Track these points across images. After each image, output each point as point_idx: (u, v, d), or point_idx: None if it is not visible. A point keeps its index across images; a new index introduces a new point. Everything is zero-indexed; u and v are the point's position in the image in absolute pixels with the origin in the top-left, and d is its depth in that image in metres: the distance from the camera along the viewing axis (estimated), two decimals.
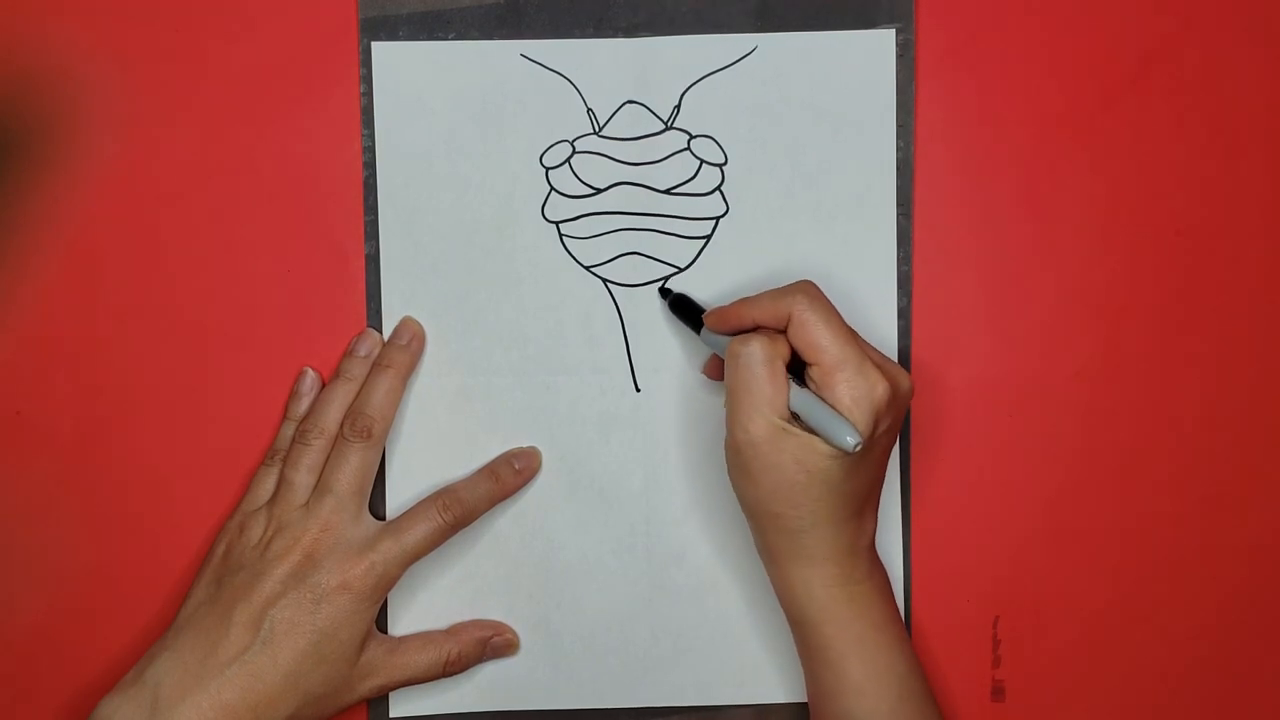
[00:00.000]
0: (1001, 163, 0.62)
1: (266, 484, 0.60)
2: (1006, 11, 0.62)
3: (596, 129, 0.62)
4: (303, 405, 0.61)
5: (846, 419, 0.53)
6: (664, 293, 0.61)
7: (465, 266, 0.62)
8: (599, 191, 0.62)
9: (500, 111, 0.62)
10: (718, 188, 0.62)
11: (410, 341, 0.61)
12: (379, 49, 0.61)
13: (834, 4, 0.61)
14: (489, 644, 0.61)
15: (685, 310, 0.60)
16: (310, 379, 0.61)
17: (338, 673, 0.57)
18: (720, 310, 0.57)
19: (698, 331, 0.59)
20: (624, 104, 0.62)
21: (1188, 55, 0.62)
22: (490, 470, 0.61)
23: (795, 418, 0.54)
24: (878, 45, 0.61)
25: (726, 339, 0.57)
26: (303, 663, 0.56)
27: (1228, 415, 0.62)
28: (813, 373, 0.54)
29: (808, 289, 0.55)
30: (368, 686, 0.58)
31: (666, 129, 0.62)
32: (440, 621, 0.62)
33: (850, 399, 0.53)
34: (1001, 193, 0.62)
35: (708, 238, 0.62)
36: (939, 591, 0.62)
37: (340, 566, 0.57)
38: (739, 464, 0.55)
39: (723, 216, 0.62)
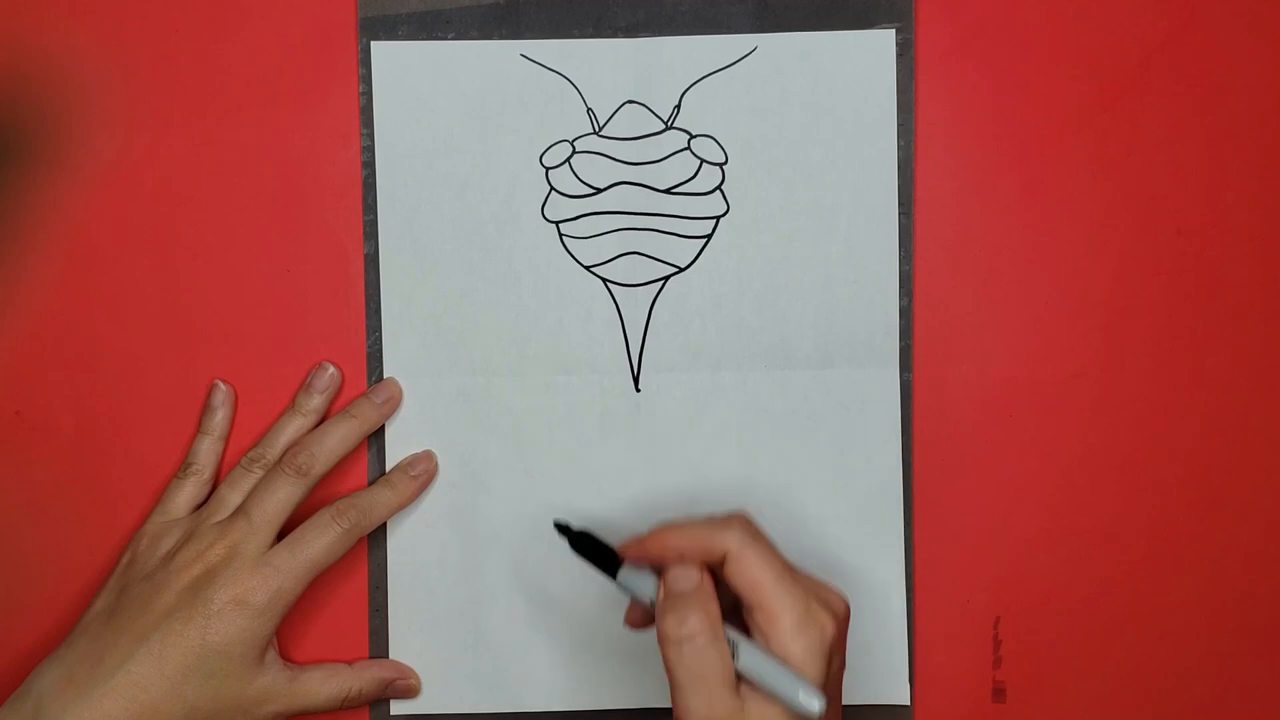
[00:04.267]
0: (1002, 162, 0.62)
1: (178, 497, 0.60)
2: (1006, 10, 0.62)
3: (596, 129, 0.62)
4: (216, 418, 0.61)
5: (803, 679, 0.49)
6: (562, 530, 0.55)
7: (465, 266, 0.62)
8: (599, 191, 0.62)
9: (500, 111, 0.62)
10: (718, 187, 0.62)
11: (385, 402, 0.61)
12: (378, 49, 0.61)
13: (834, 4, 0.61)
14: (391, 685, 0.61)
15: (592, 551, 0.54)
16: (223, 392, 0.61)
17: (228, 690, 0.56)
18: (640, 543, 0.53)
19: (609, 574, 0.54)
20: (624, 104, 0.62)
21: (1188, 55, 0.62)
22: (386, 480, 0.61)
23: (739, 677, 0.50)
24: (877, 45, 0.61)
25: (645, 580, 0.53)
26: (189, 676, 0.55)
27: (1228, 415, 0.62)
28: (756, 617, 0.50)
29: (744, 524, 0.52)
30: (265, 711, 0.58)
31: (666, 129, 0.62)
32: (441, 622, 0.62)
33: (803, 651, 0.49)
34: (1002, 192, 0.62)
35: (708, 237, 0.62)
36: (940, 593, 0.62)
37: (235, 581, 0.56)
38: None
39: (723, 216, 0.62)
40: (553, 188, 0.62)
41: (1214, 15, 0.62)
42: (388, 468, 0.62)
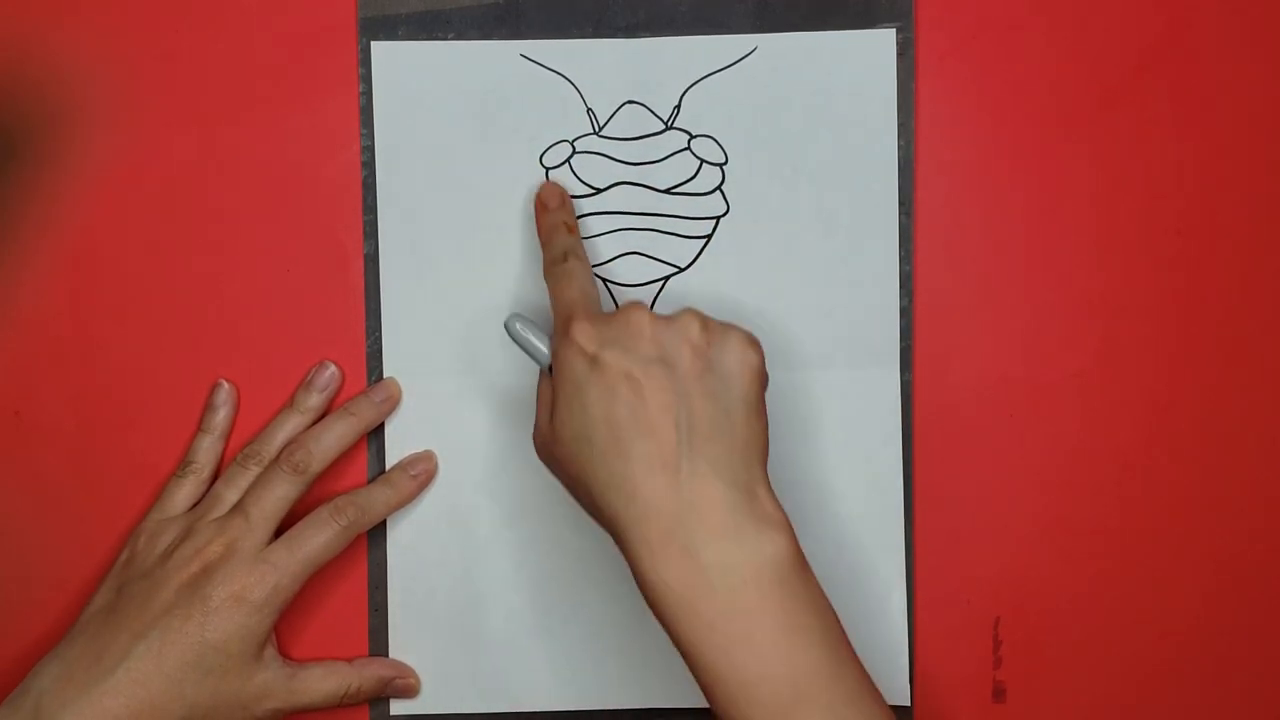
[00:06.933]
0: (1002, 161, 0.62)
1: (177, 496, 0.60)
2: (1006, 10, 0.62)
3: (596, 129, 0.62)
4: (218, 416, 0.61)
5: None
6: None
7: (465, 266, 0.62)
8: (599, 191, 0.62)
9: (500, 111, 0.62)
10: (718, 187, 0.62)
11: (384, 401, 0.61)
12: (378, 49, 0.61)
13: (834, 3, 0.61)
14: (390, 684, 0.61)
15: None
16: (225, 391, 0.61)
17: (227, 686, 0.56)
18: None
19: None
20: (624, 104, 0.62)
21: (1188, 55, 0.62)
22: (385, 479, 0.61)
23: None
24: (878, 44, 0.61)
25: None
26: (188, 672, 0.55)
27: (1228, 415, 0.62)
28: None
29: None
30: (264, 708, 0.58)
31: (666, 129, 0.62)
32: (440, 621, 0.62)
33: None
34: (1003, 191, 0.62)
35: (708, 237, 0.62)
36: (940, 592, 0.62)
37: (233, 577, 0.56)
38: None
39: (723, 216, 0.62)
40: None
41: (1212, 15, 0.62)
42: (387, 466, 0.62)
